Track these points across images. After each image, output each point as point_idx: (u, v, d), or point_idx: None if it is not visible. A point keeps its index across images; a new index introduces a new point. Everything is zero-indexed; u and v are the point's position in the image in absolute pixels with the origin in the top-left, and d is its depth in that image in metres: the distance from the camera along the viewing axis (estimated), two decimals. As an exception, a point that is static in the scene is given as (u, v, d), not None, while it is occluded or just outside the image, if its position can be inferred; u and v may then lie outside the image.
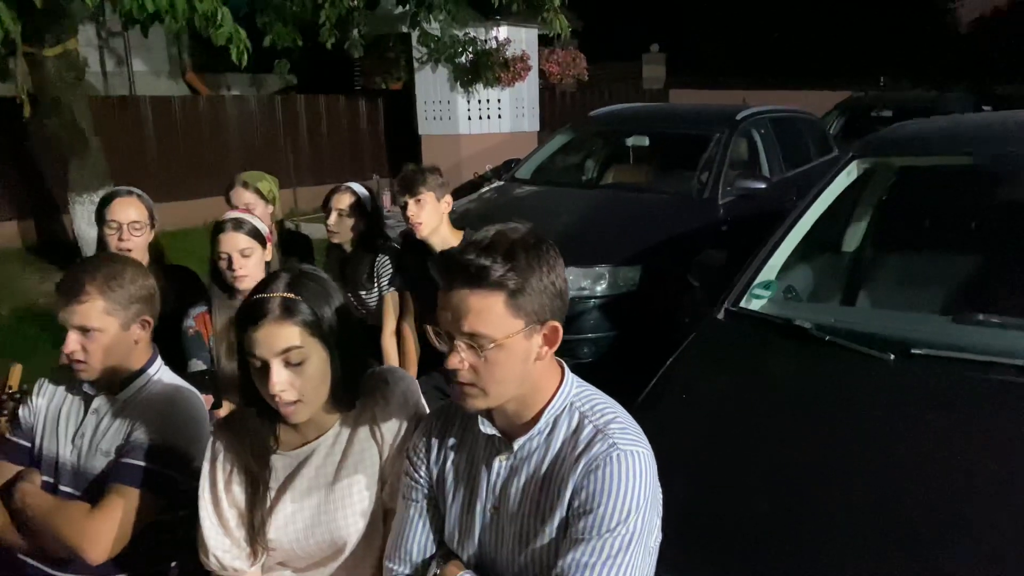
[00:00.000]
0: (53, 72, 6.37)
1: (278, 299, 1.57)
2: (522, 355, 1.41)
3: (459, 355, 1.40)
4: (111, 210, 2.92)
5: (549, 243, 1.45)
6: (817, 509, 1.82)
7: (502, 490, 1.50)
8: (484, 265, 1.36)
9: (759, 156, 6.40)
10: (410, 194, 3.09)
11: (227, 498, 1.73)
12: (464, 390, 1.43)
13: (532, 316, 1.40)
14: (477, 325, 1.37)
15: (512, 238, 1.40)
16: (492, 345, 1.37)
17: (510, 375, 1.41)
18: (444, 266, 1.42)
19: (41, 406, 2.11)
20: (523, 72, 9.88)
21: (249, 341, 1.57)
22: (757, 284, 2.70)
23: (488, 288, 1.36)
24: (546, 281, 1.40)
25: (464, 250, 1.40)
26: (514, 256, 1.37)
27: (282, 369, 1.57)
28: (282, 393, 1.57)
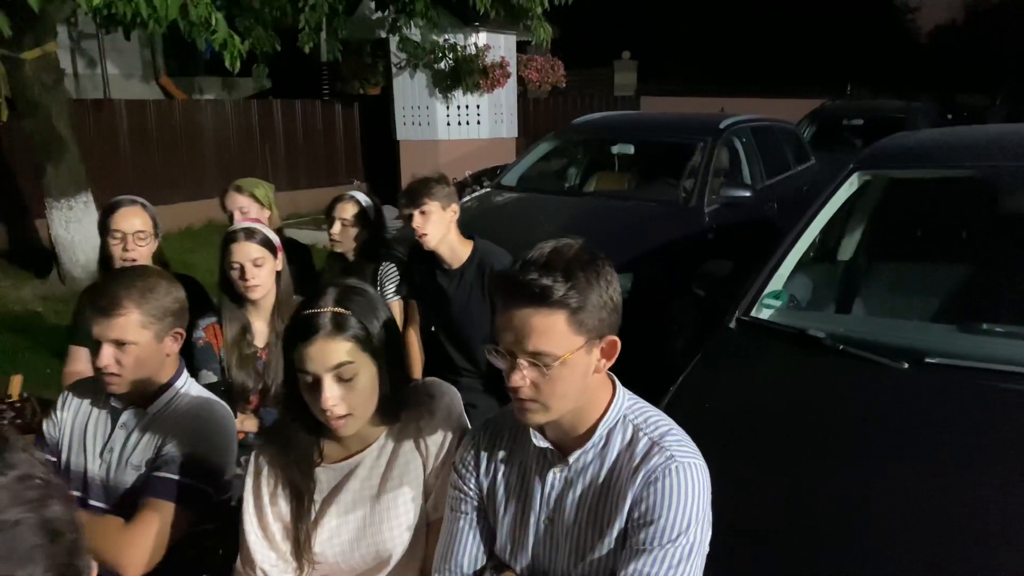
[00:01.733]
0: (32, 75, 6.25)
1: (329, 314, 1.58)
2: (583, 370, 1.44)
3: (521, 372, 1.42)
4: (115, 220, 2.88)
5: (603, 257, 1.48)
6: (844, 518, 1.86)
7: (557, 502, 1.52)
8: (547, 285, 1.38)
9: (741, 164, 6.50)
10: (414, 206, 3.08)
11: (272, 511, 1.73)
12: (525, 406, 1.45)
13: (592, 331, 1.42)
14: (540, 344, 1.39)
15: (568, 255, 1.43)
16: (556, 363, 1.40)
17: (571, 390, 1.44)
18: (504, 286, 1.44)
19: (66, 420, 2.08)
20: (502, 78, 9.91)
21: (300, 357, 1.57)
22: (767, 294, 2.75)
23: (551, 307, 1.38)
24: (605, 297, 1.43)
25: (523, 270, 1.41)
26: (574, 274, 1.40)
27: (334, 384, 1.57)
28: (334, 408, 1.57)
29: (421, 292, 3.41)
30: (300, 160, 10.87)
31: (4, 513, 0.72)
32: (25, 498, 0.74)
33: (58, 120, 6.57)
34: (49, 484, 0.77)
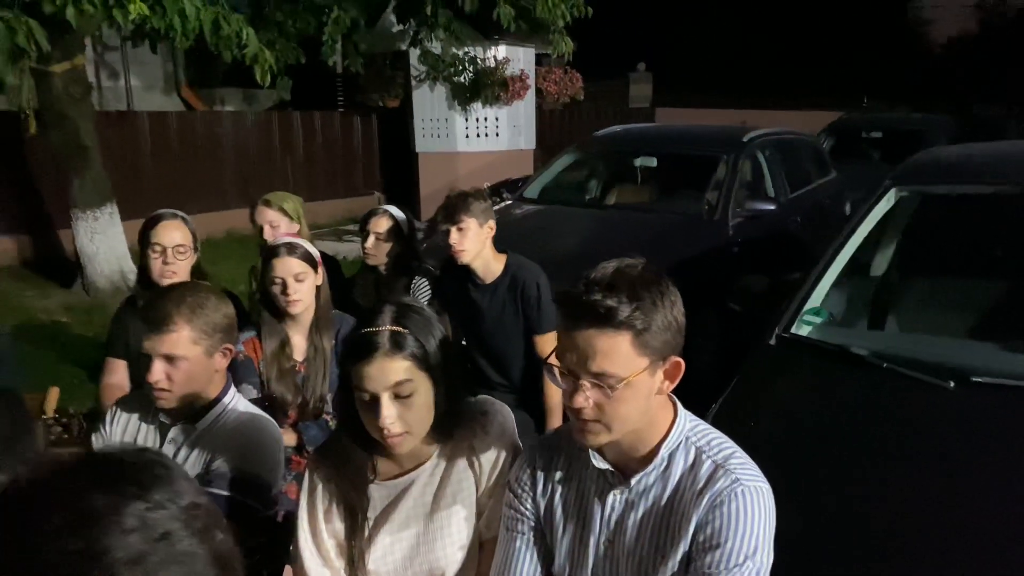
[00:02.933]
0: (60, 88, 6.31)
1: (387, 333, 1.58)
2: (646, 392, 1.43)
3: (584, 394, 1.41)
4: (156, 233, 2.89)
5: (666, 278, 1.47)
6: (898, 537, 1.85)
7: (617, 524, 1.51)
8: (612, 306, 1.37)
9: (764, 177, 6.49)
10: (451, 222, 3.08)
11: (326, 529, 1.73)
12: (587, 427, 1.45)
13: (656, 353, 1.41)
14: (605, 365, 1.39)
15: (632, 275, 1.42)
16: (620, 385, 1.39)
17: (634, 411, 1.43)
18: (568, 306, 1.43)
19: (115, 435, 2.09)
20: (522, 91, 9.94)
21: (358, 375, 1.57)
22: (807, 310, 2.74)
23: (616, 328, 1.38)
24: (669, 317, 1.42)
25: (587, 290, 1.41)
26: (639, 295, 1.39)
27: (391, 403, 1.58)
28: (391, 426, 1.57)
29: (453, 306, 3.41)
30: (319, 171, 10.93)
31: (179, 544, 0.71)
32: (195, 528, 0.73)
33: (84, 132, 6.63)
34: (211, 513, 0.77)
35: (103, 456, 0.75)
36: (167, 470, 0.75)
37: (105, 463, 0.73)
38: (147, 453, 0.77)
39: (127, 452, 0.76)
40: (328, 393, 2.80)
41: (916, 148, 8.43)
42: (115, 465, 0.73)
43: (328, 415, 2.79)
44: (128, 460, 0.74)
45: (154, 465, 0.74)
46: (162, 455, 0.78)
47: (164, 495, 0.72)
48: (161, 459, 0.76)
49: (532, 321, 3.21)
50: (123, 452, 0.76)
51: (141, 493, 0.71)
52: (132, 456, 0.75)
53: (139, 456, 0.75)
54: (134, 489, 0.71)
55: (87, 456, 0.76)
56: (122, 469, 0.73)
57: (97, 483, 0.70)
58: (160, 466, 0.75)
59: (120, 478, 0.71)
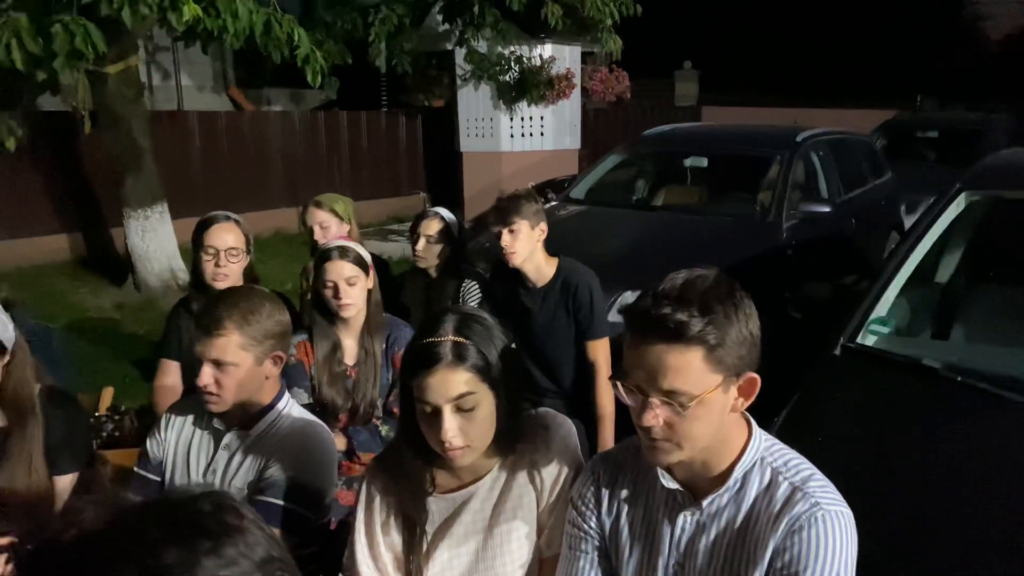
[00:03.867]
0: (114, 89, 6.41)
1: (449, 343, 1.54)
2: (719, 409, 1.37)
3: (654, 412, 1.35)
4: (209, 235, 2.90)
5: (740, 289, 1.40)
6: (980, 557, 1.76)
7: (688, 547, 1.45)
8: (682, 320, 1.30)
9: (818, 178, 6.34)
10: (504, 224, 3.04)
11: (384, 542, 1.69)
12: (657, 445, 1.39)
13: (730, 369, 1.35)
14: (675, 382, 1.32)
15: (703, 288, 1.35)
16: (692, 403, 1.32)
17: (707, 430, 1.37)
18: (636, 320, 1.37)
19: (170, 440, 2.08)
20: (567, 90, 9.86)
21: (420, 387, 1.53)
22: (873, 319, 2.63)
23: (687, 344, 1.31)
24: (744, 332, 1.35)
25: (655, 303, 1.34)
26: (711, 308, 1.32)
27: (453, 416, 1.53)
28: (453, 439, 1.53)
29: (503, 310, 3.35)
30: (364, 171, 10.98)
31: None
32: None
33: (137, 132, 6.72)
34: (287, 565, 0.73)
35: (175, 503, 0.71)
36: (241, 519, 0.70)
37: (177, 511, 0.69)
38: (221, 498, 0.72)
39: (200, 498, 0.72)
40: (378, 398, 2.78)
41: (974, 148, 8.19)
42: (187, 514, 0.69)
43: (378, 420, 2.77)
44: (201, 508, 0.70)
45: (227, 512, 0.70)
46: (236, 500, 0.73)
47: (238, 549, 0.68)
48: (235, 505, 0.72)
49: (584, 326, 3.15)
50: (196, 498, 0.72)
51: (214, 548, 0.67)
52: (205, 502, 0.70)
53: (212, 502, 0.71)
54: (207, 544, 0.67)
55: (158, 503, 0.71)
56: (195, 519, 0.68)
57: (169, 536, 0.66)
58: (234, 513, 0.70)
59: (193, 530, 0.67)
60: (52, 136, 7.96)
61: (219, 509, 0.70)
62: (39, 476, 2.12)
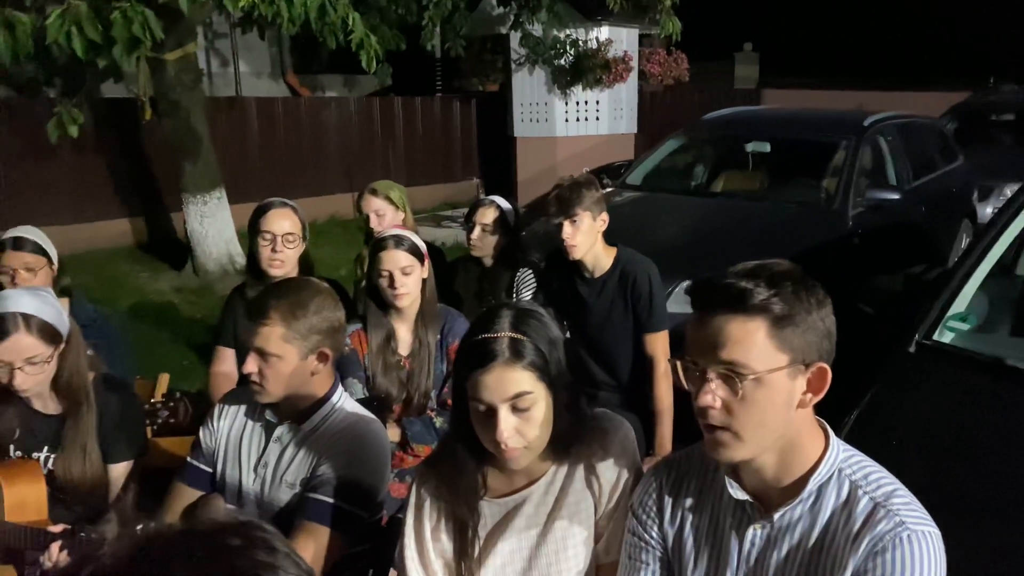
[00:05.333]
0: (173, 75, 6.48)
1: (506, 340, 1.47)
2: (784, 397, 1.27)
3: (711, 390, 1.27)
4: (266, 221, 2.89)
5: (816, 281, 1.31)
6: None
7: (757, 562, 1.36)
8: (746, 287, 1.24)
9: (886, 164, 6.11)
10: (565, 215, 2.95)
11: (434, 548, 1.64)
12: (717, 436, 1.30)
13: (798, 353, 1.26)
14: (735, 353, 1.24)
15: (776, 269, 1.29)
16: (752, 377, 1.24)
17: (770, 419, 1.28)
18: (699, 291, 1.31)
19: (222, 430, 2.06)
20: (624, 73, 9.69)
21: (475, 384, 1.47)
22: (951, 315, 2.49)
23: (749, 313, 1.24)
24: (815, 315, 1.27)
25: (723, 274, 1.29)
26: (779, 284, 1.25)
27: (510, 415, 1.47)
28: (509, 440, 1.47)
29: (559, 300, 3.28)
30: (418, 157, 10.97)
31: None
32: None
33: (196, 119, 6.80)
34: None
35: (201, 537, 0.65)
36: (273, 554, 0.64)
37: (204, 547, 0.63)
38: (251, 530, 0.66)
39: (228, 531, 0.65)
40: (432, 389, 2.74)
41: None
42: (215, 551, 0.63)
43: (432, 411, 2.73)
44: (229, 544, 0.63)
45: (258, 548, 0.64)
46: (267, 531, 0.67)
47: None
48: (267, 538, 0.65)
49: (642, 318, 3.06)
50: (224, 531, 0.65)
51: None
52: (234, 536, 0.64)
53: (242, 536, 0.65)
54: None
55: (183, 536, 0.65)
56: (223, 557, 0.62)
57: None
58: (265, 549, 0.64)
59: (224, 570, 0.61)
60: (114, 123, 8.11)
61: (250, 545, 0.64)
62: (93, 464, 2.13)
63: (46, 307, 2.05)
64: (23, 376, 2.00)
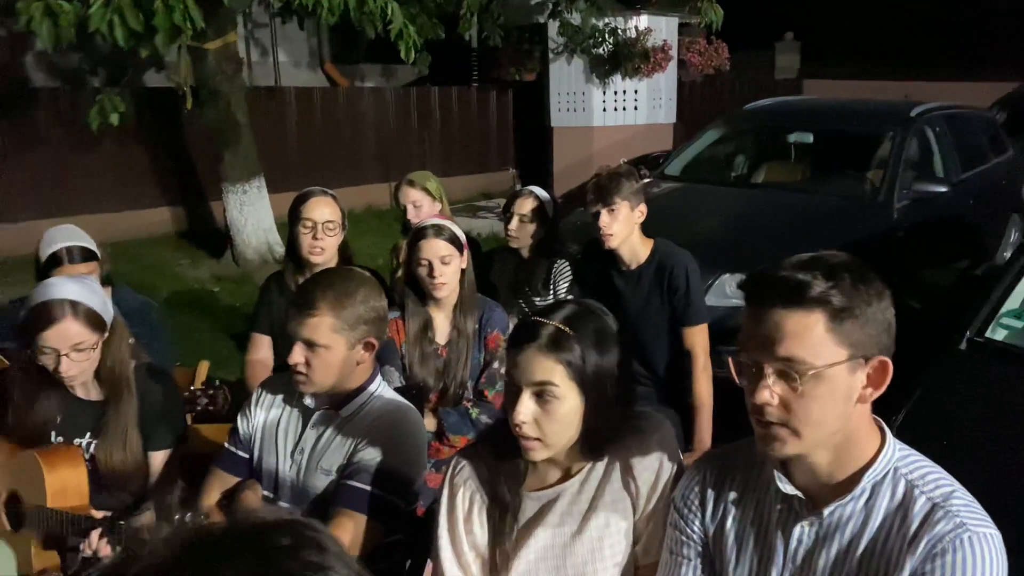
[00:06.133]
0: (213, 65, 6.54)
1: (551, 328, 1.46)
2: (843, 392, 1.23)
3: (768, 387, 1.23)
4: (307, 208, 2.90)
5: (874, 273, 1.27)
6: None
7: (805, 561, 1.32)
8: (803, 280, 1.20)
9: (933, 156, 5.96)
10: (604, 204, 2.91)
11: (467, 539, 1.62)
12: (772, 431, 1.26)
13: (857, 347, 1.22)
14: (793, 348, 1.21)
15: (833, 260, 1.25)
16: (810, 373, 1.20)
17: (828, 415, 1.24)
18: (753, 285, 1.27)
19: (259, 417, 2.06)
20: (663, 62, 9.58)
21: (510, 361, 1.50)
22: (1005, 312, 2.41)
23: (807, 307, 1.20)
24: (875, 308, 1.22)
25: (778, 267, 1.25)
26: (837, 276, 1.21)
27: (530, 401, 1.46)
28: (523, 425, 1.46)
29: (595, 292, 3.24)
30: (454, 147, 10.97)
31: None
32: None
33: (236, 108, 6.85)
34: None
35: (249, 535, 0.63)
36: (323, 554, 0.62)
37: (252, 546, 0.61)
38: (301, 529, 0.64)
39: (277, 529, 0.63)
40: (469, 379, 2.72)
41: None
42: (263, 551, 0.61)
43: (468, 401, 2.71)
44: (278, 544, 0.61)
45: (308, 548, 0.62)
46: (317, 529, 0.65)
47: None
48: (316, 537, 0.63)
49: (680, 311, 3.02)
50: (272, 530, 0.63)
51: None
52: (283, 536, 0.62)
53: (291, 535, 0.62)
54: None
55: (230, 533, 0.64)
56: (272, 557, 0.60)
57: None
58: (315, 548, 0.62)
59: (273, 571, 0.59)
60: (156, 112, 8.22)
61: (299, 544, 0.62)
62: (134, 451, 2.15)
63: (92, 295, 2.06)
64: (69, 363, 2.02)
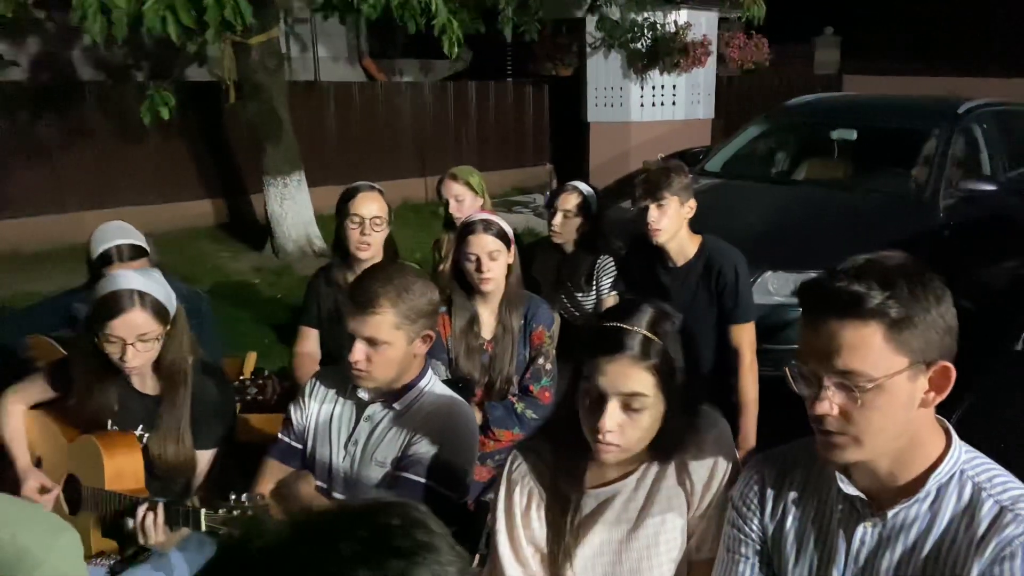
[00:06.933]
0: (257, 60, 6.61)
1: (640, 336, 1.46)
2: (905, 400, 1.23)
3: (828, 398, 1.23)
4: (355, 204, 2.93)
5: (933, 273, 1.25)
6: None
7: (867, 562, 1.31)
8: (858, 292, 1.19)
9: (980, 154, 5.84)
10: (652, 198, 2.90)
11: (525, 534, 1.63)
12: (832, 440, 1.26)
13: (917, 354, 1.21)
14: (852, 362, 1.20)
15: (888, 264, 1.23)
16: (871, 385, 1.20)
17: (889, 423, 1.23)
18: (809, 296, 1.26)
19: (312, 408, 2.09)
20: (703, 57, 9.49)
21: (594, 368, 1.46)
22: (1064, 313, 2.36)
23: (864, 318, 1.19)
24: (934, 313, 1.21)
25: (832, 277, 1.23)
26: (893, 283, 1.19)
27: (618, 410, 1.46)
28: (608, 434, 1.45)
29: (640, 288, 3.24)
30: (490, 142, 10.97)
31: None
32: None
33: (278, 103, 6.93)
34: None
35: (361, 514, 0.65)
36: (431, 535, 0.64)
37: (365, 524, 0.63)
38: (409, 510, 0.66)
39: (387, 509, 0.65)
40: (515, 374, 2.73)
41: None
42: (377, 529, 0.63)
43: (514, 396, 2.72)
44: (389, 522, 0.63)
45: (418, 528, 0.64)
46: (423, 512, 0.67)
47: (431, 570, 0.61)
48: (424, 519, 0.65)
49: (727, 309, 3.00)
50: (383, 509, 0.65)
51: (407, 569, 0.61)
52: (393, 515, 0.64)
53: (401, 515, 0.64)
54: (399, 564, 0.61)
55: (342, 513, 0.66)
56: (385, 535, 0.62)
57: (360, 555, 0.60)
58: (423, 529, 0.64)
59: (384, 549, 0.61)
60: (198, 106, 8.31)
61: (410, 524, 0.64)
62: (186, 446, 2.16)
63: (157, 286, 2.09)
64: (133, 352, 2.03)
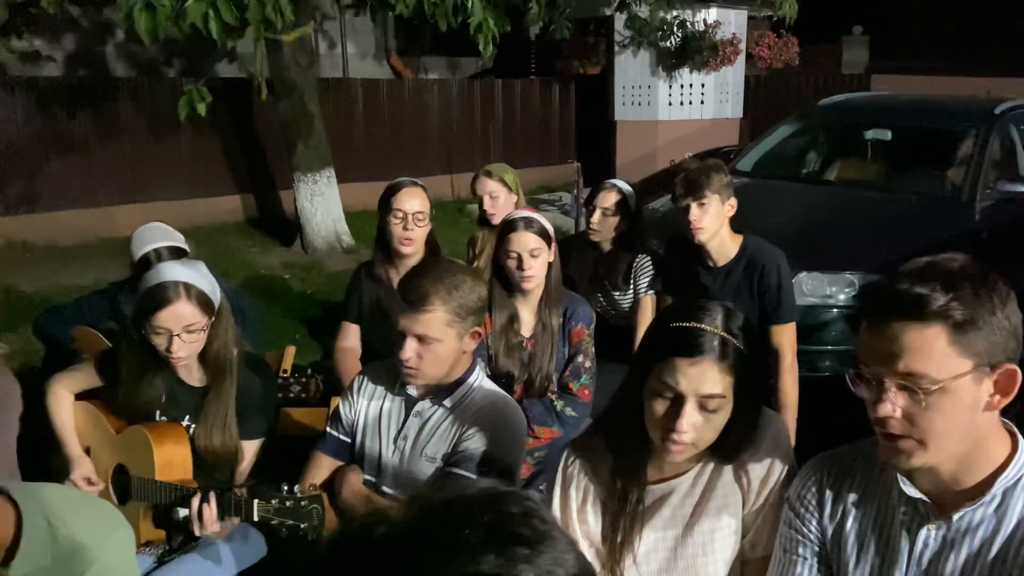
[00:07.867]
0: (289, 57, 6.66)
1: (718, 337, 1.45)
2: (969, 403, 1.22)
3: (890, 401, 1.22)
4: (398, 199, 2.95)
5: (997, 275, 1.24)
6: None
7: (931, 565, 1.31)
8: (921, 294, 1.19)
9: (1018, 155, 5.77)
10: (694, 197, 2.90)
11: (580, 529, 1.64)
12: (896, 444, 1.26)
13: (982, 356, 1.20)
14: (915, 364, 1.19)
15: (951, 267, 1.22)
16: (935, 388, 1.19)
17: (954, 427, 1.22)
18: (871, 299, 1.26)
19: (361, 404, 2.11)
20: (732, 56, 9.44)
21: (672, 369, 1.45)
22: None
23: (927, 321, 1.19)
24: (999, 315, 1.20)
25: (894, 279, 1.23)
26: (956, 285, 1.19)
27: (695, 411, 1.45)
28: (683, 435, 1.45)
29: (678, 288, 3.24)
30: (516, 139, 10.98)
31: None
32: None
33: (308, 99, 6.97)
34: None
35: (480, 502, 0.66)
36: (547, 524, 0.65)
37: (486, 512, 0.64)
38: (526, 500, 0.67)
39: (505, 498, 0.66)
40: (554, 372, 2.74)
41: None
42: (500, 517, 0.63)
43: (553, 394, 2.73)
44: (510, 511, 0.64)
45: (536, 517, 0.64)
46: (538, 503, 0.68)
47: (553, 557, 0.62)
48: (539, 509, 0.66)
49: (769, 310, 2.99)
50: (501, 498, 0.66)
51: (531, 556, 0.61)
52: (512, 504, 0.65)
53: (519, 505, 0.65)
54: (524, 551, 0.61)
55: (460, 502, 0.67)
56: (508, 523, 0.63)
57: (487, 542, 0.61)
58: (540, 518, 0.65)
59: (508, 536, 0.62)
60: (229, 102, 8.38)
61: (528, 512, 0.64)
62: (233, 438, 2.18)
63: (203, 279, 2.12)
64: (180, 343, 2.06)
